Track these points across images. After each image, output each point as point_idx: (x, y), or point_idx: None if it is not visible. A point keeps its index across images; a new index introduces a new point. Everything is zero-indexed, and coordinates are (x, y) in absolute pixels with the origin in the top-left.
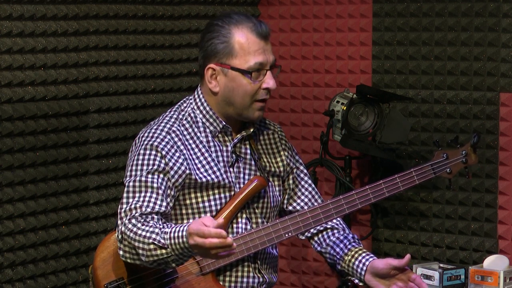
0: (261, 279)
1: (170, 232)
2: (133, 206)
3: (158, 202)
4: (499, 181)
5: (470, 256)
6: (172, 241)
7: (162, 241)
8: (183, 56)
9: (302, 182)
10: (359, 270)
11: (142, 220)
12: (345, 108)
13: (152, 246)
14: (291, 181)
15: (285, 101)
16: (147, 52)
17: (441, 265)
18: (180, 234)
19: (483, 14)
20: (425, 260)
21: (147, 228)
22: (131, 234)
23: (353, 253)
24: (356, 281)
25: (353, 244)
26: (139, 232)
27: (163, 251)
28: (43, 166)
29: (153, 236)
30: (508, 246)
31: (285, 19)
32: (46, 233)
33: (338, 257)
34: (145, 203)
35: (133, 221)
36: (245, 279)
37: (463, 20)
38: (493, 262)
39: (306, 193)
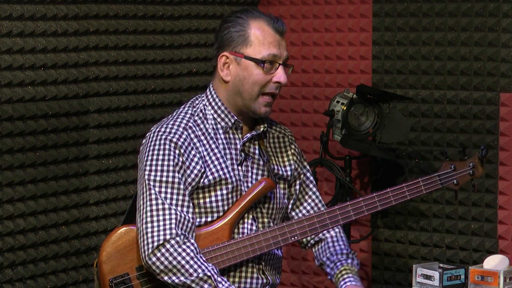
0: (264, 280)
1: None
2: (167, 212)
3: (186, 204)
4: (499, 181)
5: (470, 256)
6: None
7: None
8: (183, 56)
9: (310, 192)
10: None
11: (195, 247)
12: (345, 108)
13: (206, 285)
14: (297, 187)
15: (285, 101)
16: (147, 52)
17: (441, 265)
18: None
19: (483, 14)
20: (425, 260)
21: (205, 264)
22: (185, 255)
23: (338, 272)
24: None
25: (342, 262)
26: (195, 259)
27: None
28: (43, 166)
29: (214, 277)
30: (508, 246)
31: (285, 19)
32: (46, 233)
33: (330, 273)
34: (179, 207)
35: (187, 242)
36: (248, 280)
37: (463, 20)
38: (493, 262)
39: (310, 200)
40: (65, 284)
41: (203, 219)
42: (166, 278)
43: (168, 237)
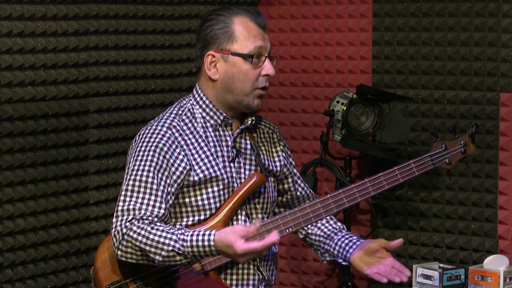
0: (260, 276)
1: (191, 240)
2: (131, 206)
3: (157, 204)
4: (499, 181)
5: (470, 256)
6: (195, 249)
7: (183, 248)
8: (183, 56)
9: (299, 189)
10: (347, 248)
11: (147, 223)
12: (345, 108)
13: (171, 253)
14: (290, 185)
15: (285, 101)
16: (147, 52)
17: (441, 265)
18: (206, 243)
19: (483, 14)
20: (425, 260)
21: (159, 233)
22: (139, 237)
23: (339, 237)
24: (340, 260)
25: (338, 230)
26: (151, 236)
27: (182, 257)
28: (43, 166)
29: (172, 243)
30: (508, 246)
31: (285, 19)
32: (46, 233)
33: (324, 238)
34: (144, 206)
35: (137, 223)
36: (245, 276)
37: (463, 20)
38: (493, 262)
39: (304, 192)
40: (65, 284)
41: (196, 218)
42: (142, 262)
43: (124, 230)
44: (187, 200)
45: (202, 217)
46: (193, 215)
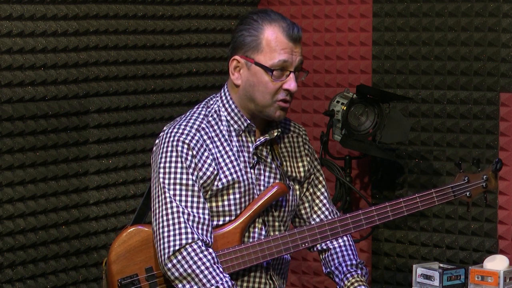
0: (272, 286)
1: None
2: (180, 209)
3: (201, 205)
4: (499, 181)
5: (470, 256)
6: None
7: None
8: (183, 56)
9: (318, 193)
10: None
11: (212, 257)
12: (345, 108)
13: None
14: (305, 185)
15: None
16: (147, 52)
17: (441, 265)
18: None
19: (483, 14)
20: (425, 260)
21: (220, 275)
22: (200, 264)
23: (349, 284)
24: None
25: (352, 273)
26: (210, 269)
27: None
28: (43, 166)
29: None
30: (508, 246)
31: None
32: (46, 233)
33: (339, 284)
34: (189, 209)
35: (204, 251)
36: (256, 285)
37: (463, 20)
38: (493, 262)
39: (318, 201)
40: (65, 284)
41: (215, 222)
42: (180, 285)
43: (184, 242)
44: (208, 205)
45: (220, 222)
46: (212, 219)
